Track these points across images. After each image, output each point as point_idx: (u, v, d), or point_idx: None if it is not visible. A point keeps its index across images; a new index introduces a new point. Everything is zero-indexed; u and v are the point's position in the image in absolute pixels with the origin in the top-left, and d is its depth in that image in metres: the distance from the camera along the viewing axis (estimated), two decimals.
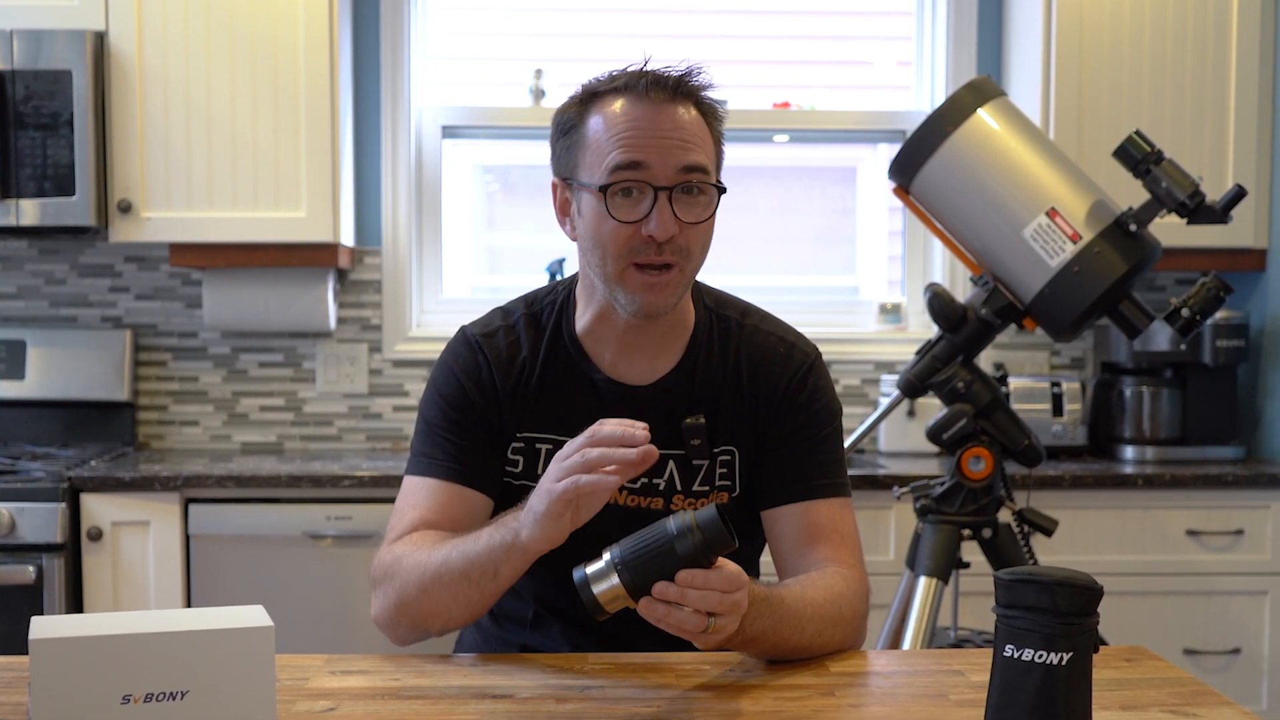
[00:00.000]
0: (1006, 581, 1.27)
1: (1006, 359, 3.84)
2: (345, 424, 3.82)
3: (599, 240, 1.66)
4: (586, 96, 1.69)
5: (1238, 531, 3.32)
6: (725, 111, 1.74)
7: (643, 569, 1.39)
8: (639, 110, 1.64)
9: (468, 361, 1.79)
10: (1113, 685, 1.53)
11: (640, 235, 1.64)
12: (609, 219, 1.64)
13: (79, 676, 1.24)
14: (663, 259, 1.65)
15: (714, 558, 1.41)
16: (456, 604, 1.62)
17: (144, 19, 3.36)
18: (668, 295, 1.67)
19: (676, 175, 1.63)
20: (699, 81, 1.68)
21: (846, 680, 1.57)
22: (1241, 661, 3.34)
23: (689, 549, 1.38)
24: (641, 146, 1.63)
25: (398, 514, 1.76)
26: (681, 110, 1.65)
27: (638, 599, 1.40)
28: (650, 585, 1.39)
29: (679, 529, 1.39)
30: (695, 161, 1.64)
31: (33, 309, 3.77)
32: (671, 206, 1.63)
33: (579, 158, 1.68)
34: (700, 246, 1.69)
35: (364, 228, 3.79)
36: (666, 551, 1.39)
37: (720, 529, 1.39)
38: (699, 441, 1.75)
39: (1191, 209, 2.53)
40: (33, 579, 3.08)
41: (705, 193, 1.67)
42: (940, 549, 2.67)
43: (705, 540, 1.39)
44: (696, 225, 1.66)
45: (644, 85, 1.64)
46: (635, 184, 1.63)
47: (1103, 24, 3.46)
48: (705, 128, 1.68)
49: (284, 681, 1.52)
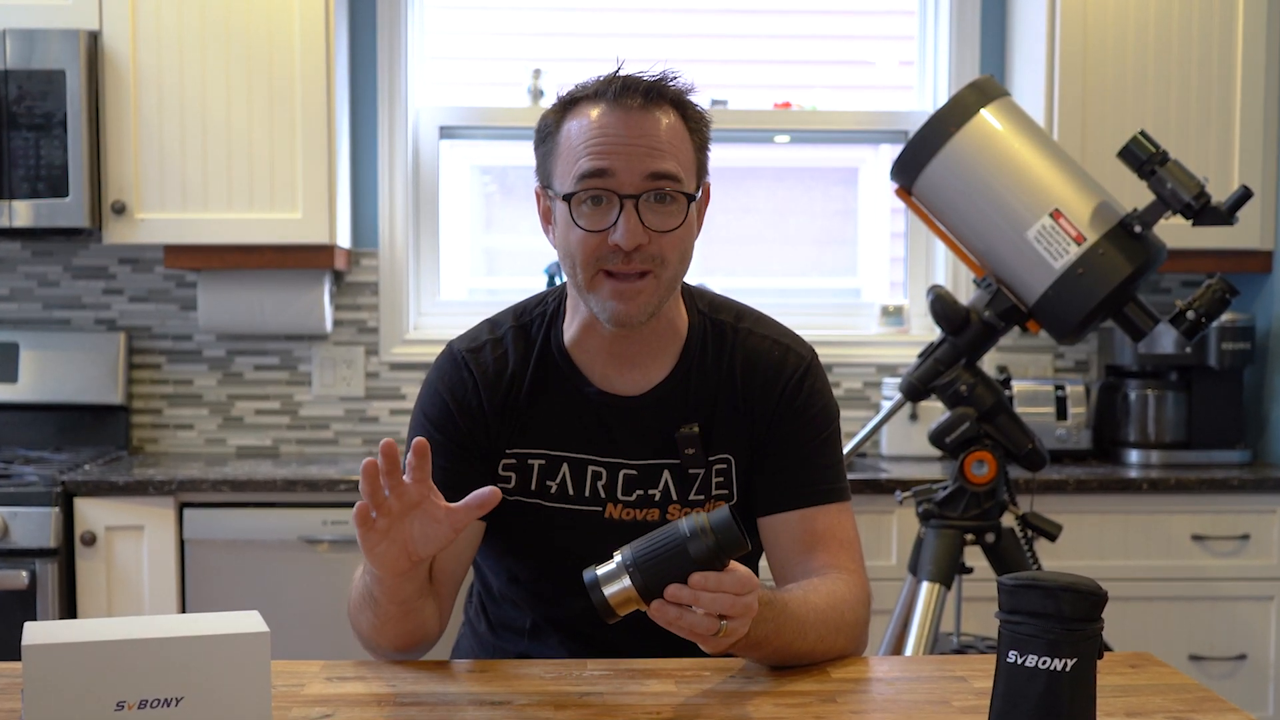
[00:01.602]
0: (1010, 587, 1.26)
1: (1010, 362, 3.83)
2: (341, 427, 3.80)
3: (568, 249, 1.65)
4: (564, 104, 1.67)
5: (1244, 536, 3.30)
6: (708, 115, 1.71)
7: (655, 571, 1.38)
8: (609, 117, 1.61)
9: (454, 380, 1.76)
10: (1117, 692, 1.53)
11: (608, 244, 1.61)
12: (575, 228, 1.62)
13: (72, 683, 1.24)
14: (632, 267, 1.61)
15: (726, 560, 1.40)
16: (383, 624, 1.62)
17: (138, 18, 3.35)
18: (641, 303, 1.64)
19: (644, 183, 1.60)
20: (674, 85, 1.65)
21: (848, 686, 1.56)
22: (1247, 668, 3.32)
23: (702, 551, 1.38)
24: (607, 153, 1.60)
25: None
26: (655, 115, 1.62)
27: (649, 601, 1.39)
28: (662, 587, 1.38)
29: (692, 530, 1.39)
30: (664, 169, 1.61)
31: (26, 311, 3.75)
32: (639, 215, 1.60)
33: (554, 165, 1.66)
34: (677, 254, 1.65)
35: (360, 229, 3.78)
36: (679, 553, 1.38)
37: (734, 531, 1.38)
38: (693, 451, 1.72)
39: (1197, 210, 2.52)
40: (26, 584, 3.06)
41: (676, 200, 1.62)
42: (943, 554, 2.65)
43: (718, 542, 1.38)
44: (668, 234, 1.62)
45: (614, 91, 1.62)
46: (603, 191, 1.60)
47: (1107, 22, 3.45)
48: (682, 133, 1.64)
49: (279, 688, 1.51)
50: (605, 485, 1.73)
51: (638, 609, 1.41)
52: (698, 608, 1.38)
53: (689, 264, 1.69)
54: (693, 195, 1.64)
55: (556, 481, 1.73)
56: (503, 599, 1.84)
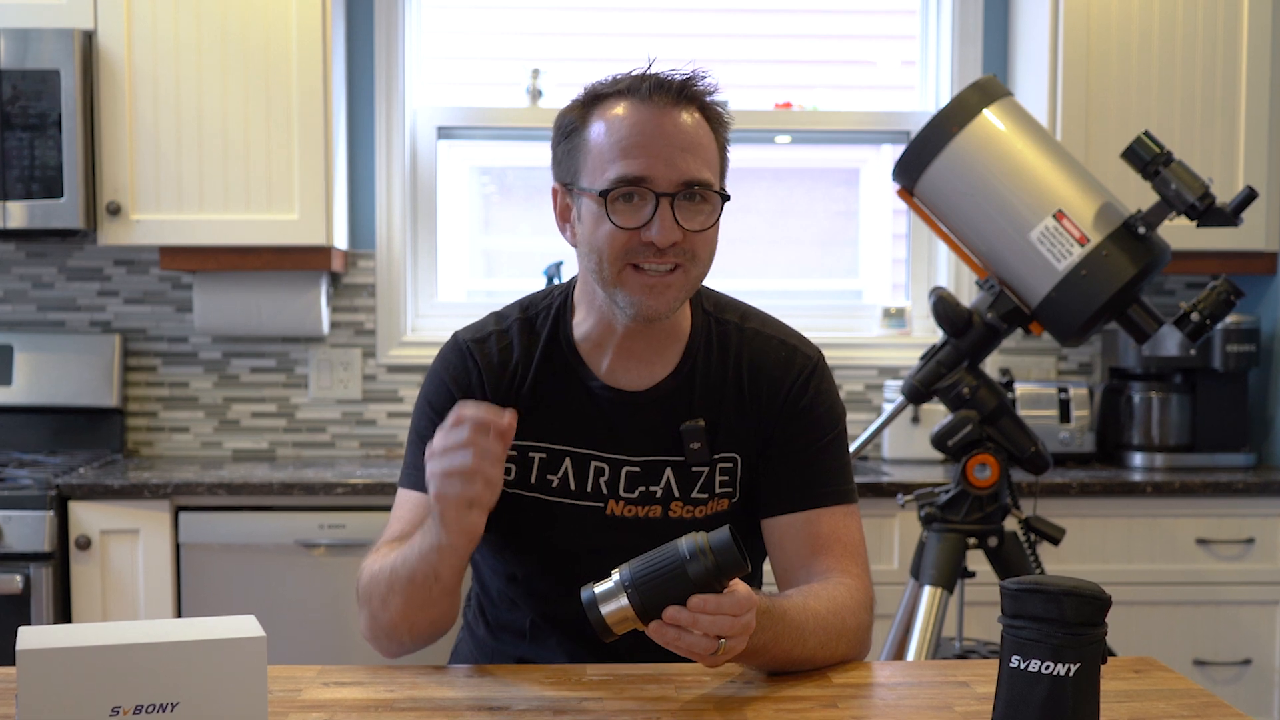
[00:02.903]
0: (1013, 591, 1.26)
1: (1013, 364, 3.82)
2: (338, 430, 3.78)
3: (595, 244, 1.65)
4: (589, 100, 1.68)
5: (1248, 540, 3.29)
6: (730, 116, 1.72)
7: (653, 591, 1.38)
8: (641, 115, 1.62)
9: (457, 369, 1.77)
10: (1121, 697, 1.52)
11: (640, 240, 1.62)
12: (608, 224, 1.62)
13: (67, 688, 1.23)
14: (665, 261, 1.63)
15: (726, 581, 1.39)
16: (414, 609, 1.62)
17: (133, 18, 3.34)
18: (669, 298, 1.65)
19: (679, 182, 1.61)
20: (704, 86, 1.66)
21: (850, 692, 1.56)
22: (1252, 673, 3.31)
23: (700, 572, 1.37)
24: (644, 153, 1.61)
25: (388, 526, 1.77)
26: (685, 116, 1.64)
27: (647, 621, 1.39)
28: (660, 608, 1.38)
29: (691, 551, 1.38)
30: (697, 168, 1.62)
31: (20, 313, 3.74)
32: (674, 212, 1.61)
33: (581, 162, 1.66)
34: (706, 252, 1.67)
35: (358, 230, 3.76)
36: (678, 574, 1.38)
37: (734, 553, 1.37)
38: (699, 445, 1.72)
39: (1201, 211, 2.51)
40: (20, 589, 3.05)
41: (708, 200, 1.65)
42: (945, 558, 2.65)
43: (718, 564, 1.38)
44: (700, 232, 1.64)
45: (647, 89, 1.63)
46: (637, 189, 1.61)
47: (1111, 22, 3.44)
48: (709, 133, 1.66)
49: (276, 693, 1.51)
50: (607, 481, 1.73)
51: (635, 628, 1.40)
52: (696, 630, 1.38)
53: (712, 264, 1.71)
54: (726, 195, 1.67)
55: (558, 476, 1.73)
56: (501, 599, 1.83)
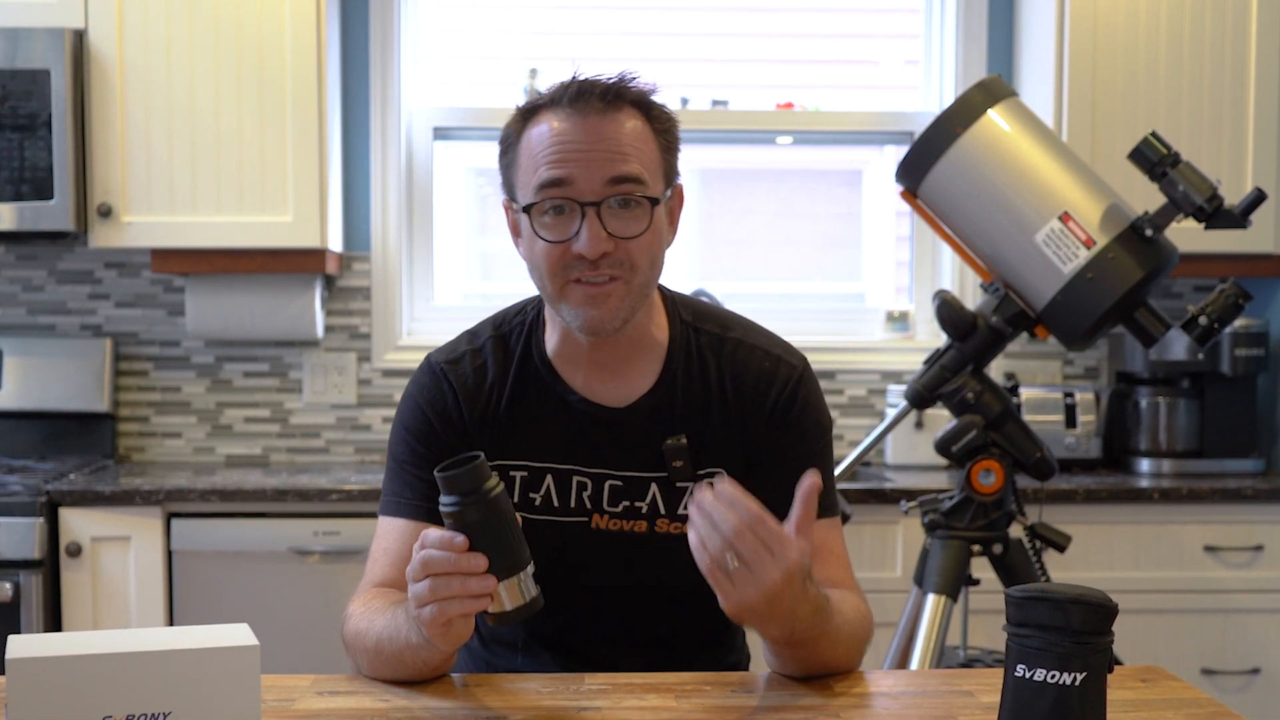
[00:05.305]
0: (1018, 599, 1.26)
1: (1018, 368, 3.80)
2: (333, 436, 3.75)
3: (535, 261, 1.63)
4: (523, 113, 1.65)
5: (1257, 547, 3.28)
6: (674, 115, 1.67)
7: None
8: (566, 123, 1.59)
9: (433, 392, 1.74)
10: (1128, 706, 1.51)
11: (572, 253, 1.58)
12: (539, 239, 1.60)
13: (57, 697, 1.24)
14: (600, 274, 1.59)
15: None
16: (405, 674, 1.57)
17: (124, 17, 3.32)
18: (612, 307, 1.60)
19: (604, 188, 1.57)
20: (636, 86, 1.61)
21: (852, 701, 1.55)
22: (1261, 682, 3.30)
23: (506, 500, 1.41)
24: (565, 161, 1.57)
25: (371, 559, 1.73)
26: (615, 118, 1.59)
27: (503, 574, 1.38)
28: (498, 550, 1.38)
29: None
30: (625, 172, 1.57)
31: (9, 316, 3.71)
32: (601, 221, 1.57)
33: (515, 177, 1.64)
34: (647, 259, 1.61)
35: (352, 233, 3.74)
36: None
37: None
38: (681, 463, 1.69)
39: (1209, 213, 2.50)
40: (9, 596, 3.05)
41: (641, 204, 1.60)
42: (949, 565, 2.63)
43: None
44: (634, 239, 1.59)
45: (569, 96, 1.59)
46: (563, 200, 1.57)
47: (1117, 21, 3.43)
48: (645, 135, 1.61)
49: (269, 702, 1.51)
50: (591, 496, 1.70)
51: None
52: (719, 524, 1.36)
53: (661, 268, 1.67)
54: (656, 198, 1.61)
55: (540, 494, 1.70)
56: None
